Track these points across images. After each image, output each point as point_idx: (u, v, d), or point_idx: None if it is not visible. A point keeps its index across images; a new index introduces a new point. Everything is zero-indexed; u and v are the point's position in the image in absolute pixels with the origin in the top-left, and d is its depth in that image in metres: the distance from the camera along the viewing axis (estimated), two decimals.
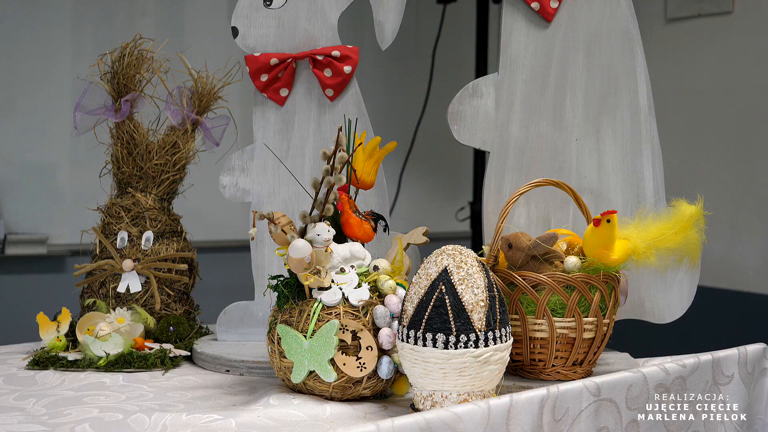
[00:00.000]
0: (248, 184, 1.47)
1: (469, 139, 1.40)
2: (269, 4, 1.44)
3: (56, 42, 2.38)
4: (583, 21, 1.38)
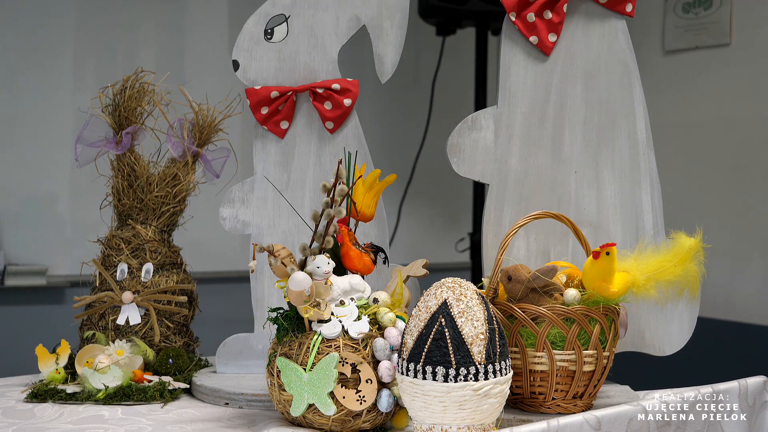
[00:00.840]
0: (248, 216, 1.47)
1: (468, 171, 1.41)
2: (270, 38, 1.45)
3: (57, 73, 2.39)
4: (581, 55, 1.40)
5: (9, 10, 2.32)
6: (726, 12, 2.55)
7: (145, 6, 2.51)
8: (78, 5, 2.41)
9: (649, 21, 2.71)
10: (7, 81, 2.34)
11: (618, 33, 1.39)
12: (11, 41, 2.33)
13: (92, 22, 2.43)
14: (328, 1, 1.45)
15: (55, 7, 2.38)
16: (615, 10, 1.38)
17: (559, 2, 1.37)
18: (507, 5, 1.38)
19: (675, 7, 2.66)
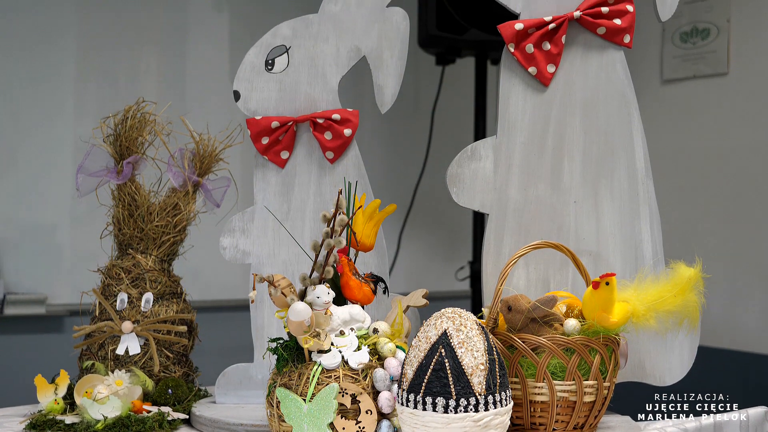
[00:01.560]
0: (248, 245, 1.47)
1: (468, 201, 1.41)
2: (271, 69, 1.46)
3: (58, 101, 2.41)
4: (580, 85, 1.40)
5: (11, 38, 2.34)
6: (723, 42, 2.57)
7: (146, 35, 2.53)
8: (79, 34, 2.43)
9: (648, 50, 2.73)
10: (9, 109, 2.35)
11: (616, 64, 1.40)
12: (13, 69, 2.35)
13: (94, 51, 2.45)
14: (328, 32, 1.46)
15: (56, 35, 2.40)
16: (613, 42, 1.39)
17: (557, 34, 1.38)
18: (506, 36, 1.39)
19: (673, 36, 2.68)
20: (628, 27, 1.39)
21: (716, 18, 2.59)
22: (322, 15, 1.46)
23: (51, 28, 2.39)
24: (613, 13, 1.38)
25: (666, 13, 1.39)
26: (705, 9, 2.61)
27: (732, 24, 2.56)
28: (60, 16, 2.40)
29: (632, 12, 1.39)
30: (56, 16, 2.40)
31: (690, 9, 2.63)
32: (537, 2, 1.40)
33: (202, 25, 2.61)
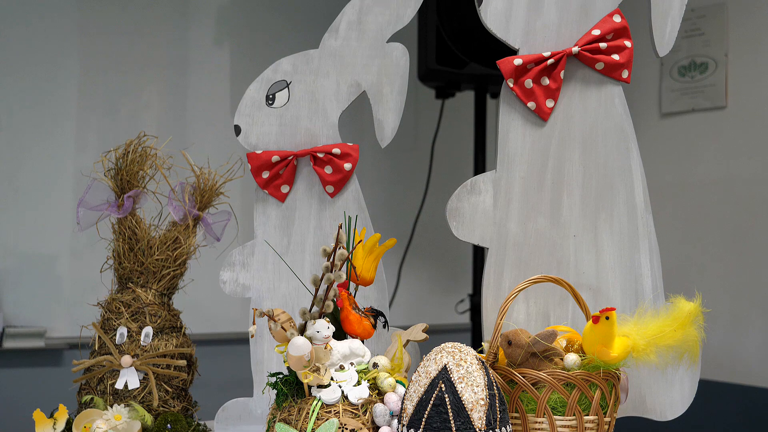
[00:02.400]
0: (248, 279, 1.47)
1: (467, 235, 1.42)
2: (272, 103, 1.47)
3: (60, 133, 2.42)
4: (579, 120, 1.41)
5: (14, 71, 2.36)
6: (721, 75, 2.58)
7: (148, 70, 2.55)
8: (82, 68, 2.45)
9: (646, 84, 2.75)
10: (11, 141, 2.36)
11: (615, 99, 1.41)
12: (15, 102, 2.36)
13: (95, 84, 2.46)
14: (328, 67, 1.47)
15: (59, 69, 2.41)
16: (611, 77, 1.41)
17: (556, 69, 1.39)
18: (505, 72, 1.40)
19: (671, 70, 2.70)
20: (626, 62, 1.40)
21: (714, 52, 2.61)
22: (323, 50, 1.48)
23: (53, 60, 2.41)
24: (611, 49, 1.39)
25: (664, 49, 1.40)
26: (703, 43, 2.63)
27: (730, 58, 2.58)
28: (62, 49, 2.42)
29: (630, 47, 1.40)
30: (58, 49, 2.42)
31: (688, 43, 2.65)
32: (535, 38, 1.41)
33: (202, 58, 2.63)
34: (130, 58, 2.51)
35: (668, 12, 1.39)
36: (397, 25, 1.46)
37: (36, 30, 2.38)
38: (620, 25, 1.40)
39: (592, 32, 1.40)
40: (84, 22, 2.45)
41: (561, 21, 1.41)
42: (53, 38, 2.41)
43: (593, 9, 1.41)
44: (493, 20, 1.41)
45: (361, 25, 1.46)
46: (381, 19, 1.46)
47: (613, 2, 1.41)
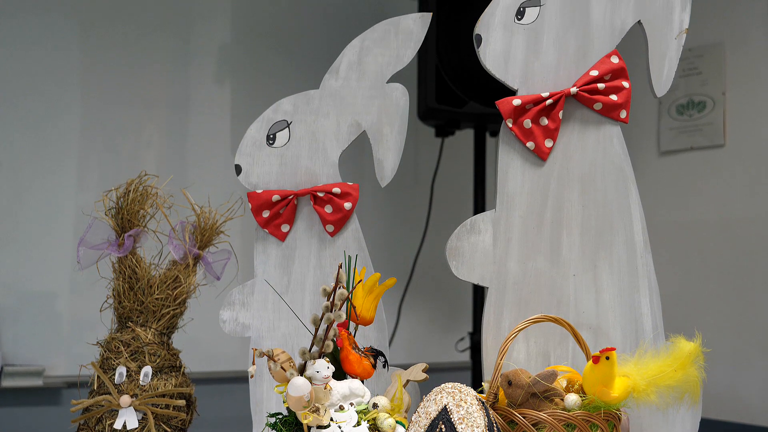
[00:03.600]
0: (248, 318, 1.47)
1: (467, 274, 1.42)
2: (272, 143, 1.48)
3: (61, 170, 2.42)
4: (578, 159, 1.42)
5: (15, 109, 2.37)
6: (719, 114, 2.60)
7: (149, 108, 2.56)
8: (83, 105, 2.46)
9: (645, 122, 2.76)
10: (11, 179, 2.37)
11: (613, 139, 1.42)
12: (17, 140, 2.37)
13: (96, 122, 2.47)
14: (329, 107, 1.48)
15: (60, 107, 2.43)
16: (610, 117, 1.42)
17: (554, 109, 1.40)
18: (504, 112, 1.41)
19: (669, 109, 2.72)
20: (624, 103, 1.41)
21: (712, 91, 2.63)
22: (323, 90, 1.49)
23: (55, 98, 2.42)
24: (609, 90, 1.41)
25: (661, 90, 1.41)
26: (700, 82, 2.65)
27: (727, 97, 2.60)
28: (64, 86, 2.44)
29: (628, 88, 1.41)
30: (60, 87, 2.43)
31: (685, 82, 2.67)
32: (534, 78, 1.42)
33: (203, 97, 2.65)
34: (132, 96, 2.53)
35: (665, 53, 1.40)
36: (397, 66, 1.48)
37: (38, 67, 2.40)
38: (618, 66, 1.41)
39: (590, 73, 1.41)
40: (86, 60, 2.47)
41: (559, 62, 1.42)
42: (55, 76, 2.43)
43: (591, 50, 1.42)
44: (492, 61, 1.43)
45: (362, 65, 1.48)
46: (381, 60, 1.47)
47: (611, 43, 1.42)
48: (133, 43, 2.54)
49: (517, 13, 1.43)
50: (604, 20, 1.42)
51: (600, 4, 1.42)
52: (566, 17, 1.42)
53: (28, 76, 2.39)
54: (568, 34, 1.43)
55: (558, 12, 1.43)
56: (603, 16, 1.42)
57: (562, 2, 1.43)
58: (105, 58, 2.50)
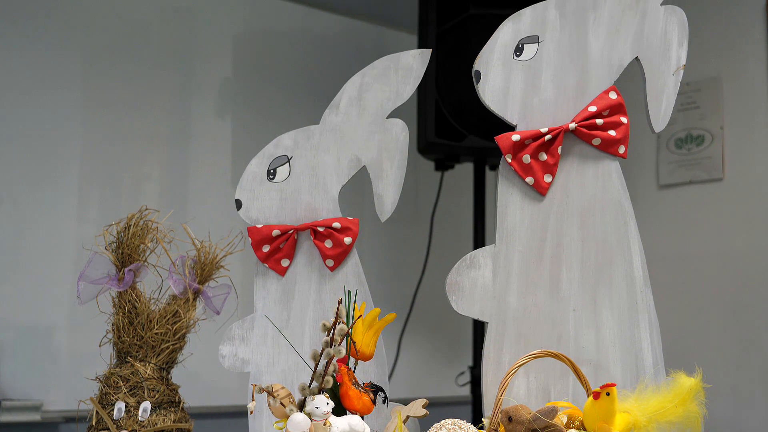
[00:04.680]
0: (248, 353, 1.47)
1: (467, 309, 1.42)
2: (273, 178, 1.49)
3: (61, 205, 2.43)
4: (577, 195, 1.43)
5: (16, 142, 2.38)
6: (718, 148, 2.61)
7: (150, 142, 2.57)
8: (84, 139, 2.47)
9: (644, 155, 2.77)
10: (12, 212, 2.37)
11: (612, 174, 1.43)
12: (17, 173, 2.38)
13: (97, 155, 2.48)
14: (329, 143, 1.49)
15: (61, 140, 2.43)
16: (608, 152, 1.42)
17: (553, 145, 1.41)
18: (503, 147, 1.42)
19: (668, 143, 2.73)
20: (622, 138, 1.42)
21: (710, 125, 2.64)
22: (324, 126, 1.50)
23: (55, 131, 2.43)
24: (607, 125, 1.42)
25: (659, 125, 1.42)
26: (698, 117, 2.66)
27: (726, 131, 2.61)
28: (65, 120, 2.45)
29: (626, 124, 1.42)
30: (61, 120, 2.44)
31: (684, 116, 2.69)
32: (533, 114, 1.43)
33: (204, 131, 2.66)
34: (132, 129, 2.54)
35: (663, 89, 1.41)
36: (397, 102, 1.49)
37: (40, 101, 2.41)
38: (616, 101, 1.42)
39: (588, 108, 1.42)
40: (87, 94, 2.49)
41: (558, 98, 1.43)
42: (57, 110, 2.44)
43: (589, 86, 1.43)
44: (491, 97, 1.44)
45: (362, 101, 1.49)
46: (381, 95, 1.48)
47: (609, 79, 1.43)
48: (134, 76, 2.55)
49: (515, 50, 1.45)
50: (601, 57, 1.43)
51: (598, 41, 1.43)
52: (564, 54, 1.44)
53: (30, 109, 2.41)
54: (566, 70, 1.44)
55: (556, 49, 1.44)
56: (601, 52, 1.43)
57: (560, 39, 1.44)
58: (106, 91, 2.51)
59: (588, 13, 1.44)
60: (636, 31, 1.43)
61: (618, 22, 1.43)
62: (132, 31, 2.57)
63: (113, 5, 2.55)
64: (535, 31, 1.45)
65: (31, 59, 2.41)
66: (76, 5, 2.49)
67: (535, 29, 1.45)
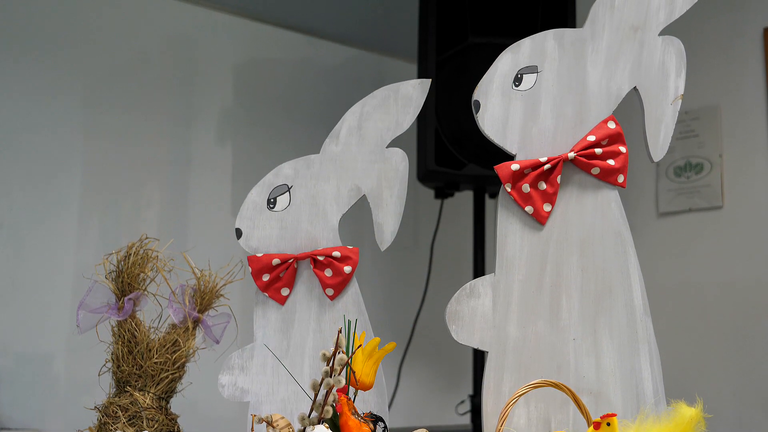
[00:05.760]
0: (247, 383, 1.47)
1: (467, 339, 1.42)
2: (273, 207, 1.49)
3: (61, 232, 2.43)
4: (576, 224, 1.43)
5: (16, 168, 2.38)
6: (717, 176, 2.62)
7: (150, 169, 2.58)
8: (84, 165, 2.48)
9: (643, 184, 2.78)
10: (11, 239, 2.37)
11: (611, 203, 1.43)
12: (17, 200, 2.38)
13: (97, 182, 2.49)
14: (329, 172, 1.50)
15: (61, 167, 2.44)
16: (607, 181, 1.43)
17: (552, 174, 1.42)
18: (502, 177, 1.42)
19: (667, 171, 2.74)
20: (621, 167, 1.42)
21: (709, 153, 2.65)
22: (324, 155, 1.51)
23: (55, 158, 2.44)
24: (606, 154, 1.42)
25: (658, 155, 1.43)
26: (697, 145, 2.67)
27: (724, 159, 2.62)
28: (65, 146, 2.46)
29: (625, 153, 1.43)
30: (61, 147, 2.45)
31: (682, 145, 2.70)
32: (532, 144, 1.44)
33: (205, 159, 2.67)
34: (133, 157, 2.55)
35: (661, 119, 1.42)
36: (397, 131, 1.50)
37: (39, 126, 2.42)
38: (615, 131, 1.43)
39: (587, 138, 1.42)
40: (88, 121, 2.50)
41: (557, 127, 1.44)
42: (56, 136, 2.45)
43: (588, 116, 1.44)
44: (490, 127, 1.45)
45: (362, 131, 1.49)
46: (381, 125, 1.49)
47: (607, 109, 1.44)
48: (135, 103, 2.57)
49: (514, 80, 1.45)
50: (600, 87, 1.44)
51: (596, 71, 1.44)
52: (563, 84, 1.45)
53: (30, 135, 2.41)
54: (565, 100, 1.45)
55: (555, 79, 1.45)
56: (599, 82, 1.44)
57: (559, 69, 1.45)
58: (107, 119, 2.53)
59: (586, 44, 1.45)
60: (634, 61, 1.43)
61: (616, 52, 1.44)
62: (133, 59, 2.59)
63: (115, 33, 2.57)
64: (534, 61, 1.46)
65: (33, 86, 2.42)
66: (77, 33, 2.50)
67: (534, 59, 1.46)
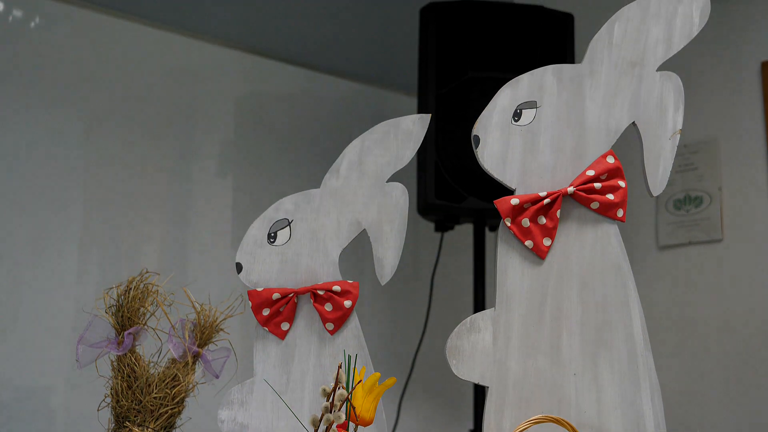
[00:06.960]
0: (247, 418, 1.46)
1: (467, 373, 1.41)
2: (273, 242, 1.50)
3: (61, 265, 2.43)
4: (576, 258, 1.43)
5: (16, 202, 2.39)
6: (716, 209, 2.62)
7: (150, 203, 2.59)
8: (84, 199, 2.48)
9: (643, 216, 2.78)
10: (11, 272, 2.37)
11: (611, 237, 1.43)
12: (17, 232, 2.38)
13: (97, 215, 2.49)
14: (329, 206, 1.50)
15: (61, 200, 2.45)
16: (607, 216, 1.43)
17: (552, 208, 1.42)
18: (502, 211, 1.43)
19: (667, 204, 2.74)
20: (620, 202, 1.43)
21: (708, 186, 2.66)
22: (324, 190, 1.51)
23: (56, 191, 2.44)
24: (605, 189, 1.43)
25: (657, 189, 1.43)
26: (696, 178, 2.68)
27: (724, 192, 2.62)
28: (65, 180, 2.46)
29: (624, 188, 1.43)
30: (62, 180, 2.46)
31: (682, 178, 2.70)
32: (531, 178, 1.45)
33: (205, 193, 2.67)
34: (133, 190, 2.56)
35: (660, 154, 1.43)
36: (397, 166, 1.50)
37: (40, 161, 2.43)
38: (614, 165, 1.43)
39: (586, 173, 1.43)
40: (88, 154, 2.51)
41: (556, 162, 1.45)
42: (57, 169, 2.45)
43: (587, 150, 1.45)
44: (489, 162, 1.45)
45: (362, 165, 1.50)
46: (381, 160, 1.50)
47: (606, 144, 1.45)
48: (135, 137, 2.58)
49: (514, 115, 1.46)
50: (599, 122, 1.45)
51: (595, 107, 1.45)
52: (562, 119, 1.45)
53: (31, 169, 2.42)
54: (564, 135, 1.45)
55: (554, 114, 1.46)
56: (598, 118, 1.45)
57: (558, 105, 1.46)
58: (108, 152, 2.53)
59: (585, 79, 1.46)
60: (632, 96, 1.45)
61: (614, 87, 1.45)
62: (133, 93, 2.60)
63: (115, 66, 2.58)
64: (533, 96, 1.47)
65: (33, 119, 2.43)
66: (78, 67, 2.52)
67: (533, 95, 1.47)
